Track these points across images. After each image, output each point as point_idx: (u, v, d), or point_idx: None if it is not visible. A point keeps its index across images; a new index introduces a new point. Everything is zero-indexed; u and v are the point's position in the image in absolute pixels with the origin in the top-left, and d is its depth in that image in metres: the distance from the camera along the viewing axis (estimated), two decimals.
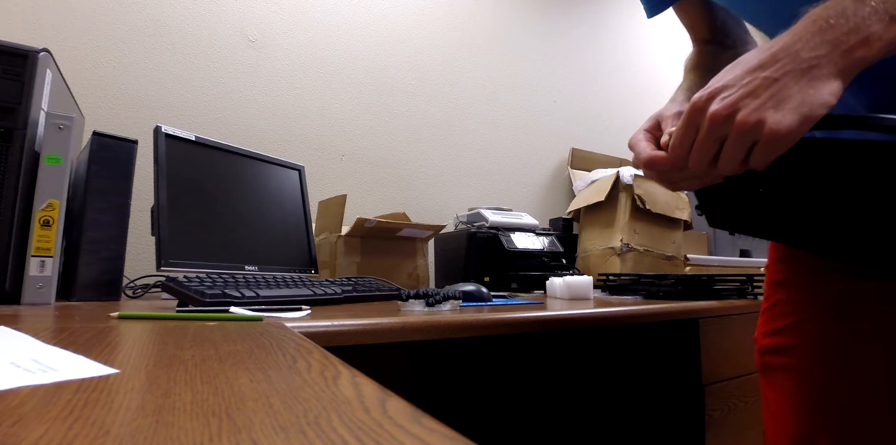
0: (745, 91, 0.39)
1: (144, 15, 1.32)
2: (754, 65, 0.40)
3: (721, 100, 0.40)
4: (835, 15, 0.38)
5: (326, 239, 1.22)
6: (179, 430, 0.18)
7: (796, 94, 0.38)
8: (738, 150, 0.40)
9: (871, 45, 0.37)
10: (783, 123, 0.38)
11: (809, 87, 0.38)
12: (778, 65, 0.39)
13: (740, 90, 0.40)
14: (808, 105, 0.38)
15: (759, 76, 0.39)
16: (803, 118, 0.38)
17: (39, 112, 0.73)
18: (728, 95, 0.40)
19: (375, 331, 0.56)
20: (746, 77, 0.40)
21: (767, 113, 0.38)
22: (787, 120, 0.38)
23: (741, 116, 0.39)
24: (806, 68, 0.38)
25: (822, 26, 0.38)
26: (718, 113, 0.40)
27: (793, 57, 0.39)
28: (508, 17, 1.99)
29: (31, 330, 0.41)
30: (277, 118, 1.48)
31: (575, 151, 2.04)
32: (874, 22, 0.37)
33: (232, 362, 0.31)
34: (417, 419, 0.20)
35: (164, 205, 0.79)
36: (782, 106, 0.38)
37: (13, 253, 0.68)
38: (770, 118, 0.38)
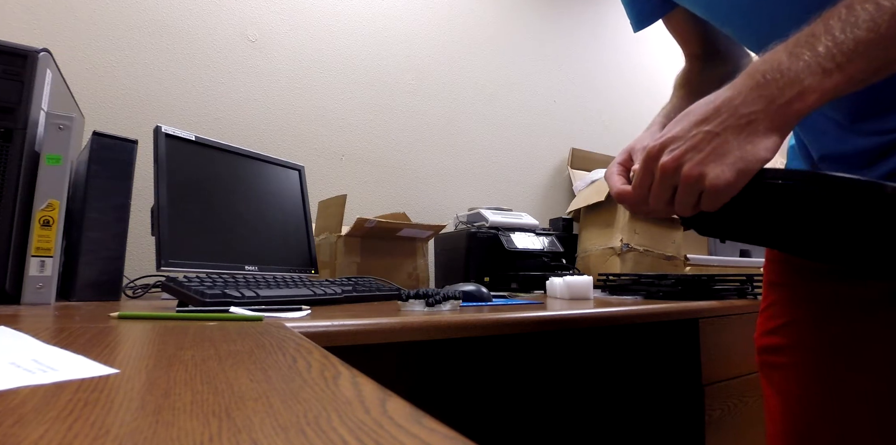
0: (690, 144, 0.43)
1: (144, 15, 1.32)
2: (699, 118, 0.43)
3: (670, 152, 0.44)
4: (770, 70, 0.41)
5: (326, 239, 1.22)
6: (179, 430, 0.18)
7: (735, 150, 0.41)
8: (688, 197, 0.44)
9: (806, 97, 0.39)
10: (721, 178, 0.42)
11: (747, 143, 0.41)
12: (719, 119, 0.42)
13: (686, 143, 0.43)
14: (744, 161, 0.41)
15: (703, 130, 0.43)
16: (740, 173, 0.41)
17: (39, 112, 0.73)
18: (676, 148, 0.44)
19: (375, 331, 0.56)
20: (692, 130, 0.43)
21: (708, 167, 0.42)
22: (725, 174, 0.41)
23: (686, 169, 0.43)
24: (744, 124, 0.41)
25: (758, 81, 0.41)
26: (667, 165, 0.44)
27: (732, 111, 0.42)
28: (509, 18, 1.99)
29: (31, 330, 0.41)
30: (277, 118, 1.48)
31: (575, 151, 2.04)
32: (808, 75, 0.39)
33: (232, 362, 0.31)
34: (417, 419, 0.20)
35: (164, 205, 0.79)
36: (722, 160, 0.42)
37: (13, 253, 0.68)
38: (710, 172, 0.42)
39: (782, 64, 0.40)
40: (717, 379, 0.93)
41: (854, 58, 0.38)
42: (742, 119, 0.41)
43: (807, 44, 0.40)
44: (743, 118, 0.41)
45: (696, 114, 0.44)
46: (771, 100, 0.40)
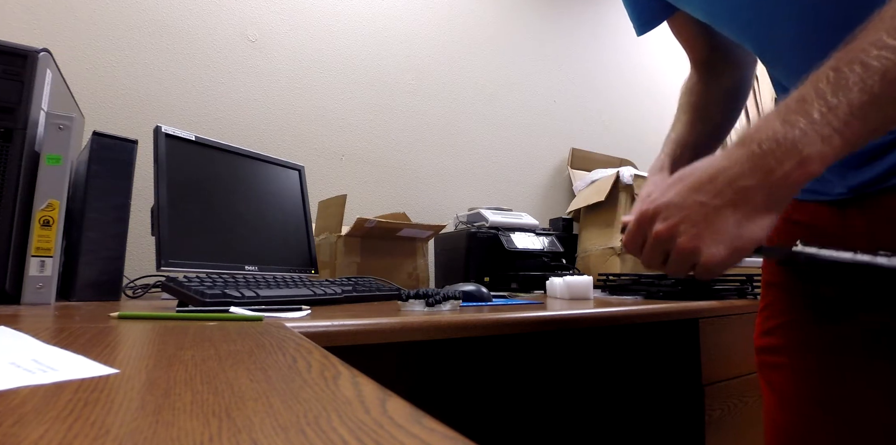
0: (685, 215, 0.43)
1: (144, 15, 1.32)
2: (694, 186, 0.43)
3: (664, 220, 0.44)
4: (766, 139, 0.39)
5: (326, 239, 1.22)
6: (179, 430, 0.18)
7: (731, 227, 0.41)
8: (681, 267, 0.44)
9: (807, 166, 0.38)
10: (717, 256, 0.41)
11: (745, 220, 0.40)
12: (715, 190, 0.41)
13: (681, 213, 0.43)
14: (741, 240, 0.41)
15: (698, 200, 0.42)
16: (735, 252, 0.41)
17: (39, 112, 0.73)
18: (670, 216, 0.44)
19: (375, 331, 0.56)
20: (688, 198, 0.43)
21: (704, 243, 0.41)
22: (720, 253, 0.41)
23: (681, 242, 0.43)
24: (741, 198, 0.40)
25: (754, 151, 0.40)
26: (661, 233, 0.44)
27: (729, 183, 0.41)
28: (509, 18, 1.99)
29: (31, 330, 0.41)
30: (277, 118, 1.48)
31: (575, 151, 2.04)
32: (806, 144, 0.38)
33: (232, 362, 0.31)
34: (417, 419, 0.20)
35: (164, 205, 0.79)
36: (717, 237, 0.41)
37: (13, 253, 0.68)
38: (706, 249, 0.41)
39: (777, 132, 0.39)
40: (717, 379, 0.93)
41: (851, 121, 0.37)
42: (739, 193, 0.40)
43: (800, 110, 0.39)
44: (740, 192, 0.40)
45: (691, 181, 0.43)
46: (768, 172, 0.39)
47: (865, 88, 0.37)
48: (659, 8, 0.72)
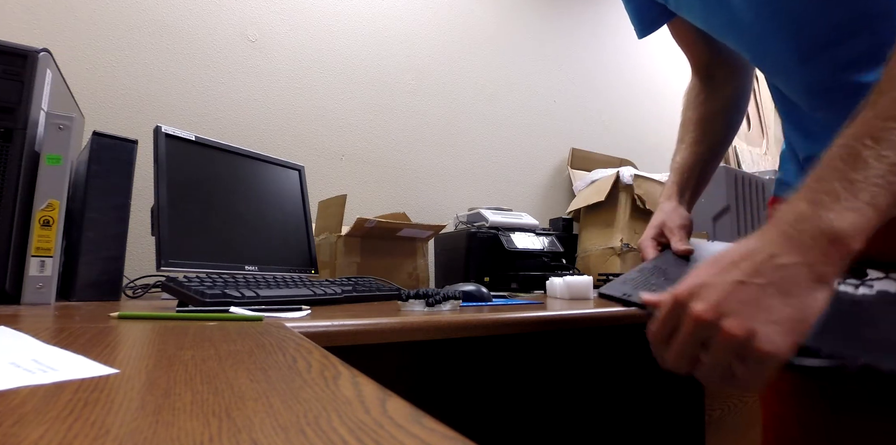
0: (728, 293, 0.36)
1: (144, 15, 1.32)
2: (730, 263, 0.38)
3: (704, 301, 0.37)
4: (795, 220, 0.37)
5: (326, 239, 1.22)
6: (179, 430, 0.18)
7: (782, 307, 0.35)
8: (725, 357, 0.36)
9: (844, 241, 0.35)
10: (775, 339, 0.34)
11: (795, 297, 0.35)
12: (755, 269, 0.36)
13: (723, 293, 0.36)
14: (800, 315, 0.35)
15: (737, 279, 0.36)
16: (796, 331, 0.35)
17: (39, 112, 0.73)
18: (711, 297, 0.37)
19: (375, 331, 0.56)
20: (727, 277, 0.37)
21: (758, 321, 0.35)
22: (778, 335, 0.34)
23: (728, 324, 0.35)
24: (785, 277, 0.36)
25: (785, 231, 0.37)
26: (702, 315, 0.36)
27: (768, 260, 0.36)
28: (509, 18, 1.99)
29: (31, 330, 0.41)
30: (277, 118, 1.48)
31: (575, 151, 2.04)
32: (835, 219, 0.35)
33: (232, 362, 0.31)
34: (417, 419, 0.20)
35: (164, 205, 0.79)
36: (771, 317, 0.35)
37: (13, 253, 0.68)
38: (761, 330, 0.34)
39: (805, 212, 0.37)
40: None
41: (877, 192, 0.35)
42: (780, 270, 0.36)
43: (821, 190, 0.37)
44: (781, 269, 0.36)
45: (726, 261, 0.38)
46: (807, 250, 0.36)
47: (883, 160, 0.36)
48: (659, 12, 0.73)
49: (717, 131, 0.75)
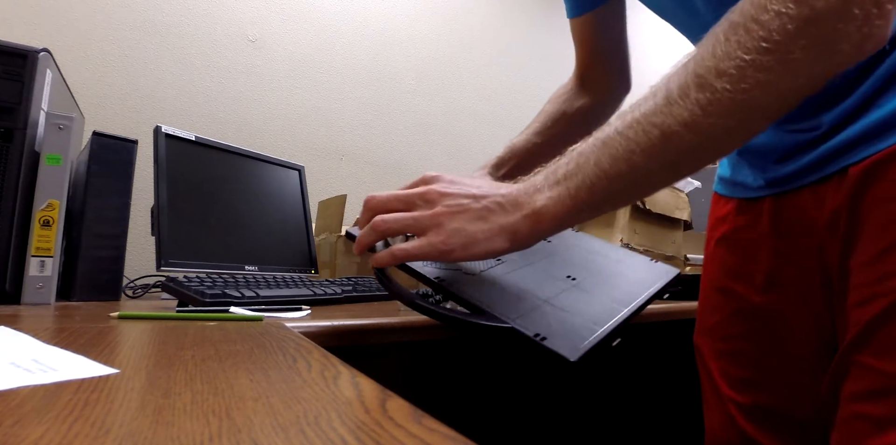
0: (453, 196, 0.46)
1: (144, 15, 1.32)
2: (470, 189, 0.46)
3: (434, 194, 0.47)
4: (526, 187, 0.44)
5: (326, 239, 1.22)
6: (179, 430, 0.18)
7: (471, 228, 0.44)
8: (392, 229, 0.48)
9: (539, 217, 0.43)
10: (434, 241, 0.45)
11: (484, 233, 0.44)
12: (484, 200, 0.45)
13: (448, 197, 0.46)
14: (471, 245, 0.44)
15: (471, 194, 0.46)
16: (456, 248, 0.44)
17: (39, 112, 0.73)
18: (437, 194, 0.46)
19: (375, 331, 0.56)
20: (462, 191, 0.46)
21: (447, 224, 0.45)
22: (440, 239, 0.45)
23: (429, 213, 0.46)
24: (490, 214, 0.45)
25: (512, 191, 0.45)
26: (425, 194, 0.47)
27: (494, 201, 0.45)
28: (508, 17, 1.99)
29: (31, 330, 0.41)
30: (277, 118, 1.48)
31: None
32: (539, 200, 0.43)
33: (232, 362, 0.31)
34: (417, 419, 0.20)
35: (164, 205, 0.79)
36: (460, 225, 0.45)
37: (13, 253, 0.68)
38: (445, 227, 0.45)
39: (529, 188, 0.44)
40: None
41: (580, 189, 0.42)
42: (494, 210, 0.44)
43: (551, 173, 0.44)
44: (494, 210, 0.44)
45: (481, 187, 0.46)
46: (516, 210, 0.44)
47: (599, 163, 0.41)
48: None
49: (559, 130, 0.80)
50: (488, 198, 0.45)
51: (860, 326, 0.44)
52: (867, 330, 0.43)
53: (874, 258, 0.44)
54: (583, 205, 0.42)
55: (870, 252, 0.44)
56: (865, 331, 0.44)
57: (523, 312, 0.47)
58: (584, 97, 0.81)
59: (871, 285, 0.44)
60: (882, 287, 0.43)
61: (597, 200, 0.42)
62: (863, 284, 0.45)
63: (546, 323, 0.46)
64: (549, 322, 0.46)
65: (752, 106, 0.37)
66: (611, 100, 0.82)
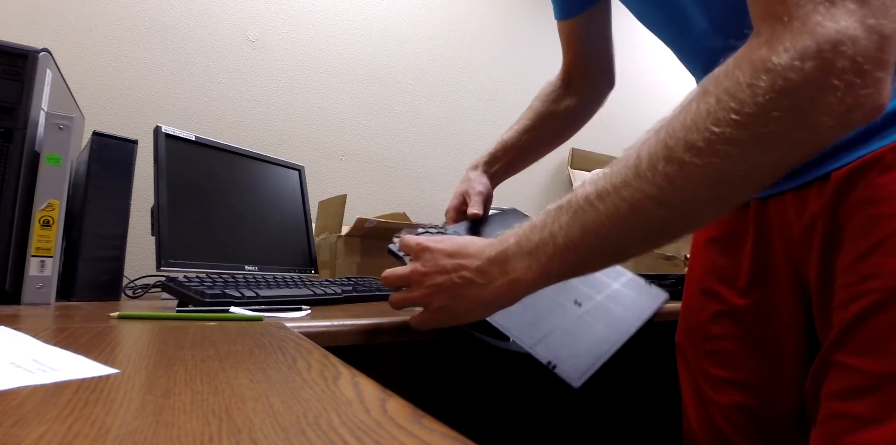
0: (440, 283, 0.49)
1: (144, 15, 1.32)
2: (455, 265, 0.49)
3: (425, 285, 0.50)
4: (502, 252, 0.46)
5: (326, 239, 1.22)
6: (179, 430, 0.18)
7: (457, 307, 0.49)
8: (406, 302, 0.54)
9: (515, 284, 0.45)
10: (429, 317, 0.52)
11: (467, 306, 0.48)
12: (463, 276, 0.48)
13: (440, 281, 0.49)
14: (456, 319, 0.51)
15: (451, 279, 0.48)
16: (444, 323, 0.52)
17: (39, 112, 0.73)
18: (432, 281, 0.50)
19: (375, 331, 0.56)
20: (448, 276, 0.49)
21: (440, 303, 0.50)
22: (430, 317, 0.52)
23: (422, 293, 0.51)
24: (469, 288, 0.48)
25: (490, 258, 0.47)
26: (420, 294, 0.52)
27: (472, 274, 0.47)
28: (508, 17, 1.99)
29: (31, 330, 0.41)
30: (277, 118, 1.48)
31: (575, 151, 2.04)
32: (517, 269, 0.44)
33: (232, 362, 0.31)
34: (417, 419, 0.20)
35: (164, 205, 0.79)
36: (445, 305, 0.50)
37: (13, 253, 0.68)
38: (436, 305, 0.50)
39: (506, 253, 0.45)
40: None
41: (551, 260, 0.43)
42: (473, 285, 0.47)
43: (529, 237, 0.44)
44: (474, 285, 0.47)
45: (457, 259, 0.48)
46: (491, 280, 0.46)
47: (570, 233, 0.41)
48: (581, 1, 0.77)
49: (547, 129, 0.84)
50: (459, 271, 0.47)
51: (841, 326, 0.45)
52: (848, 329, 0.44)
53: (856, 260, 0.45)
54: (554, 274, 0.44)
55: (852, 254, 0.45)
56: (846, 331, 0.44)
57: (538, 339, 0.53)
58: (571, 96, 0.84)
59: (853, 286, 0.44)
60: (863, 287, 0.43)
61: (568, 269, 0.44)
62: (846, 285, 0.45)
63: (556, 351, 0.53)
64: (559, 349, 0.53)
65: (723, 179, 0.35)
66: (596, 96, 0.85)
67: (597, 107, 0.86)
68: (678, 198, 0.37)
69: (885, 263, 0.42)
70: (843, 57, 0.31)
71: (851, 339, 0.44)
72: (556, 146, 0.87)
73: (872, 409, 0.41)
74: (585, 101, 0.84)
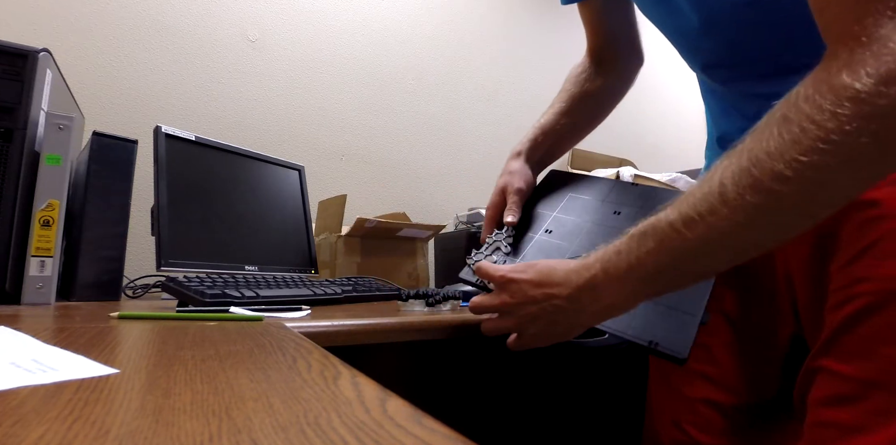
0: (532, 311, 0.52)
1: (144, 15, 1.32)
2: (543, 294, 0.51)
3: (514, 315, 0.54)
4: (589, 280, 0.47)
5: (326, 239, 1.22)
6: (179, 430, 0.18)
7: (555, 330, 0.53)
8: (502, 329, 0.57)
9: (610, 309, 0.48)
10: (527, 342, 0.55)
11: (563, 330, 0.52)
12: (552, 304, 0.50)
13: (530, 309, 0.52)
14: (553, 338, 0.54)
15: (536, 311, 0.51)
16: (545, 343, 0.55)
17: (39, 112, 0.73)
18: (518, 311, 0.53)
19: (375, 331, 0.56)
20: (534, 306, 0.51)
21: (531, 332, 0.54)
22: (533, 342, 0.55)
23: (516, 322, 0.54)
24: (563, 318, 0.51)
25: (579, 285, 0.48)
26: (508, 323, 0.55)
27: (562, 303, 0.49)
28: (508, 17, 1.99)
29: (31, 330, 0.41)
30: (277, 118, 1.48)
31: (575, 151, 2.04)
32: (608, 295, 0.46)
33: (232, 362, 0.31)
34: (417, 419, 0.20)
35: (164, 205, 0.79)
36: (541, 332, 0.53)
37: (13, 253, 0.68)
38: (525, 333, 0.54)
39: (595, 283, 0.46)
40: None
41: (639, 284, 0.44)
42: (562, 312, 0.50)
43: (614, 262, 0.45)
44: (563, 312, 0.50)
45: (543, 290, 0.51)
46: (582, 306, 0.48)
47: (659, 259, 0.42)
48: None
49: (584, 111, 0.82)
50: (550, 300, 0.50)
51: (830, 330, 0.45)
52: (836, 333, 0.44)
53: (848, 262, 0.45)
54: (643, 295, 0.46)
55: (846, 256, 0.45)
56: (834, 335, 0.44)
57: (630, 322, 0.53)
58: (602, 75, 0.82)
59: (844, 289, 0.45)
60: (853, 290, 0.43)
61: (658, 291, 0.46)
62: (838, 288, 0.46)
63: (651, 329, 0.53)
64: (653, 326, 0.53)
65: (811, 202, 0.36)
66: (627, 74, 0.83)
67: (629, 84, 0.85)
68: (767, 223, 0.38)
69: (876, 266, 0.42)
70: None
71: (839, 344, 0.44)
72: (593, 127, 0.86)
73: (858, 417, 0.41)
74: (617, 80, 0.83)
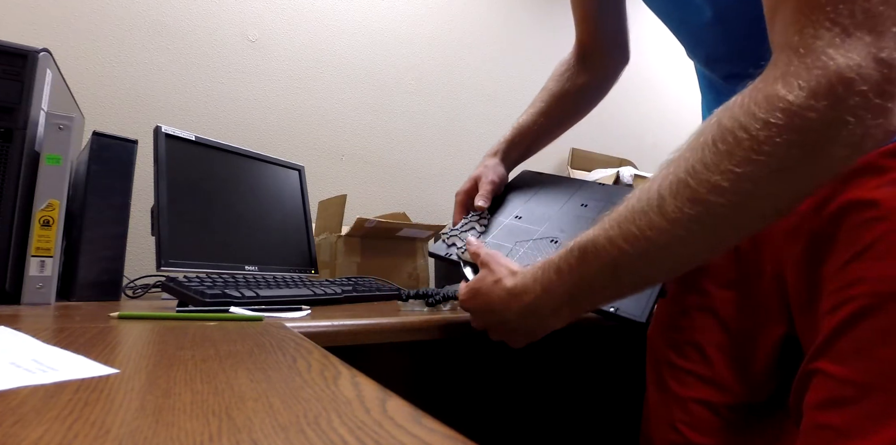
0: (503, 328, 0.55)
1: (144, 15, 1.32)
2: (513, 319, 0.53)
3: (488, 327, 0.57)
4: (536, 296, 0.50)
5: (326, 239, 1.22)
6: (179, 430, 0.18)
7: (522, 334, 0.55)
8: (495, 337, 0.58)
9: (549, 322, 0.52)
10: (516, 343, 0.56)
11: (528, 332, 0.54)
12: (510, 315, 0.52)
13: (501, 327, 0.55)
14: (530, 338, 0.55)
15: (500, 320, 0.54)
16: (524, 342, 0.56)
17: (39, 112, 0.73)
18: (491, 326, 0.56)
19: (375, 331, 0.56)
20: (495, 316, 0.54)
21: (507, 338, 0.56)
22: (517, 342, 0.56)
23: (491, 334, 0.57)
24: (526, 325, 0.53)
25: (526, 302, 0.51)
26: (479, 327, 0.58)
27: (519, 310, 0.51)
28: (508, 17, 1.99)
29: (31, 330, 0.41)
30: (277, 118, 1.48)
31: (575, 151, 2.04)
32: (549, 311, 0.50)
33: (232, 362, 0.31)
34: (417, 419, 0.20)
35: (164, 205, 0.79)
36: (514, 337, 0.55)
37: (13, 253, 0.68)
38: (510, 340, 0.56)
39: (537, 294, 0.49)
40: None
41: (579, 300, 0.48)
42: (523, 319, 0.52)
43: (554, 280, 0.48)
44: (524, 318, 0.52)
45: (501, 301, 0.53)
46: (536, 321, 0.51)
47: (601, 276, 0.44)
48: None
49: (564, 109, 0.84)
50: (504, 325, 0.53)
51: (826, 333, 0.44)
52: (832, 336, 0.44)
53: (844, 264, 0.45)
54: (590, 306, 0.50)
55: (841, 258, 0.45)
56: (830, 338, 0.44)
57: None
58: (585, 73, 0.83)
59: (839, 291, 0.44)
60: (848, 293, 0.43)
61: (605, 302, 0.50)
62: (833, 291, 0.45)
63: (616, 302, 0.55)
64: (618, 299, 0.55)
65: (746, 213, 0.38)
66: (610, 72, 0.84)
67: (611, 83, 0.85)
68: (707, 234, 0.39)
69: (872, 268, 0.42)
70: (855, 94, 0.32)
71: (835, 347, 0.43)
72: (571, 125, 0.88)
73: (852, 421, 0.40)
74: (600, 78, 0.83)
